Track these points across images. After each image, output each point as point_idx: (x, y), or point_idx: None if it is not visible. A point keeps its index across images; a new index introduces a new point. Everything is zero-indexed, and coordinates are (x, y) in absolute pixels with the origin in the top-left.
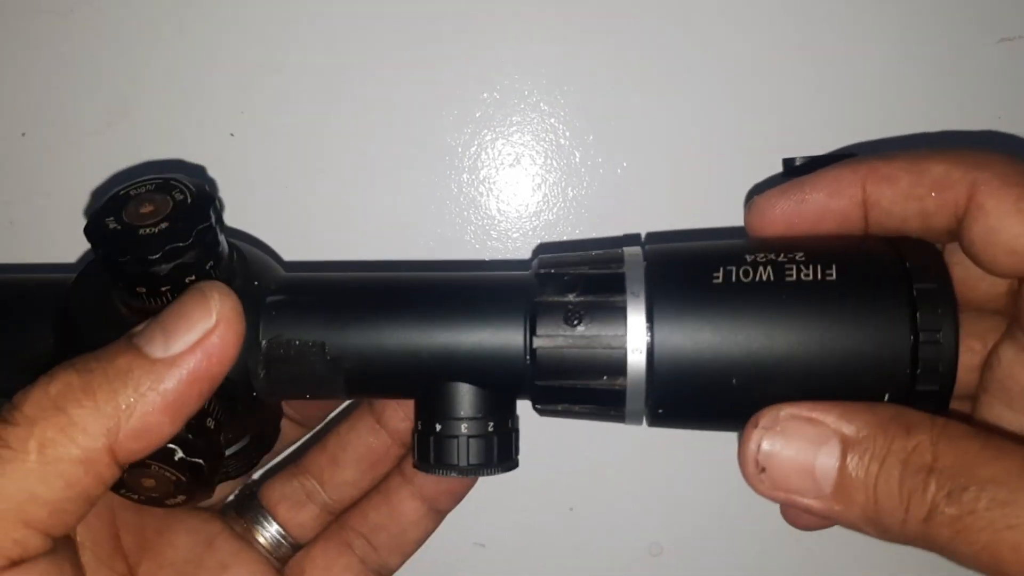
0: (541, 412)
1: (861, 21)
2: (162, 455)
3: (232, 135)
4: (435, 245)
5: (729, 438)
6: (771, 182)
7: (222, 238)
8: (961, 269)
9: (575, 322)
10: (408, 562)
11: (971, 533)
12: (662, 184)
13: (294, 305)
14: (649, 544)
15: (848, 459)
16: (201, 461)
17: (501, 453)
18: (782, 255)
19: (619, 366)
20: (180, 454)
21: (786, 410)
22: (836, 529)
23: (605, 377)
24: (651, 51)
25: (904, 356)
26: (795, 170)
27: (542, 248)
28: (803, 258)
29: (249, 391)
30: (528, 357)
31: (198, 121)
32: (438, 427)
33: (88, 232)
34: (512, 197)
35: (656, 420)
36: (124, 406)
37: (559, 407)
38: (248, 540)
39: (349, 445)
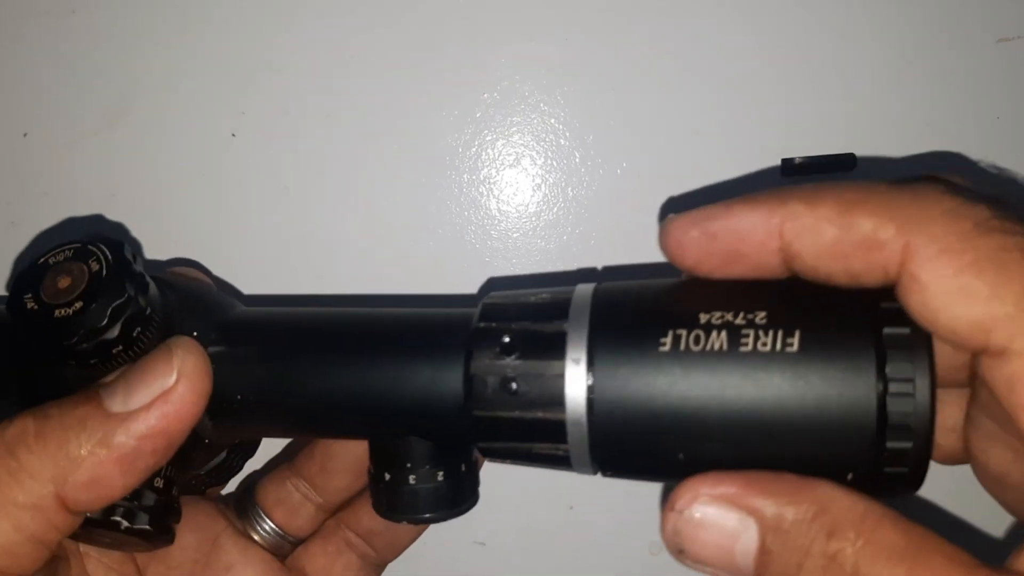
0: (485, 457)
1: (860, 22)
2: (108, 524)
3: (233, 135)
4: (435, 245)
5: None
6: (762, 177)
7: (144, 300)
8: None
9: (512, 388)
10: (407, 560)
11: None
12: (662, 184)
13: (233, 358)
14: (649, 543)
15: (767, 550)
16: (148, 527)
17: (454, 497)
18: (741, 315)
19: (559, 434)
20: (125, 524)
21: (703, 490)
22: None
23: (547, 443)
24: (651, 51)
25: (869, 442)
26: (794, 169)
27: (493, 283)
28: (764, 320)
29: (200, 439)
30: (468, 417)
31: (199, 121)
32: (387, 476)
33: (10, 309)
34: (512, 197)
35: (607, 475)
36: (74, 456)
37: (506, 461)
38: (251, 538)
39: (336, 455)
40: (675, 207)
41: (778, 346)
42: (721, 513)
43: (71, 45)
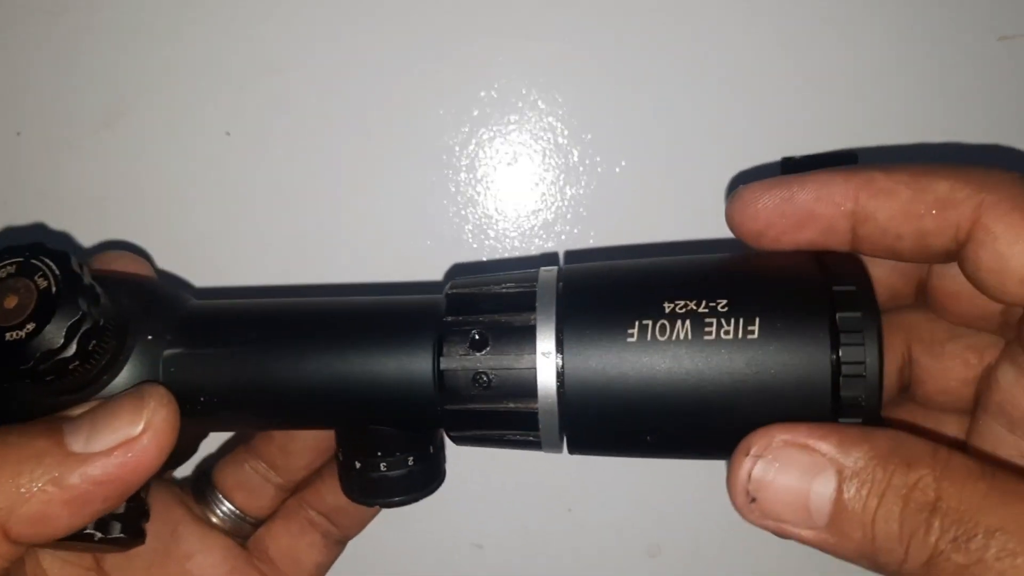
0: (456, 443)
1: (861, 20)
2: (81, 537)
3: (228, 134)
4: (433, 244)
5: None
6: (762, 171)
7: (97, 312)
8: (956, 283)
9: (484, 383)
10: (406, 562)
11: None
12: (659, 183)
13: (192, 359)
14: (647, 545)
15: (844, 492)
16: (123, 535)
17: (424, 480)
18: (703, 303)
19: (531, 423)
20: (99, 535)
21: (780, 436)
22: None
23: (519, 431)
24: (649, 50)
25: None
26: (795, 166)
27: (456, 270)
28: (725, 308)
29: None
30: (440, 410)
31: (195, 121)
32: (358, 465)
33: None
34: (510, 196)
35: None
36: (23, 489)
37: (476, 447)
38: (210, 523)
39: (297, 436)
40: (744, 181)
41: (740, 334)
42: (798, 458)
43: (66, 44)
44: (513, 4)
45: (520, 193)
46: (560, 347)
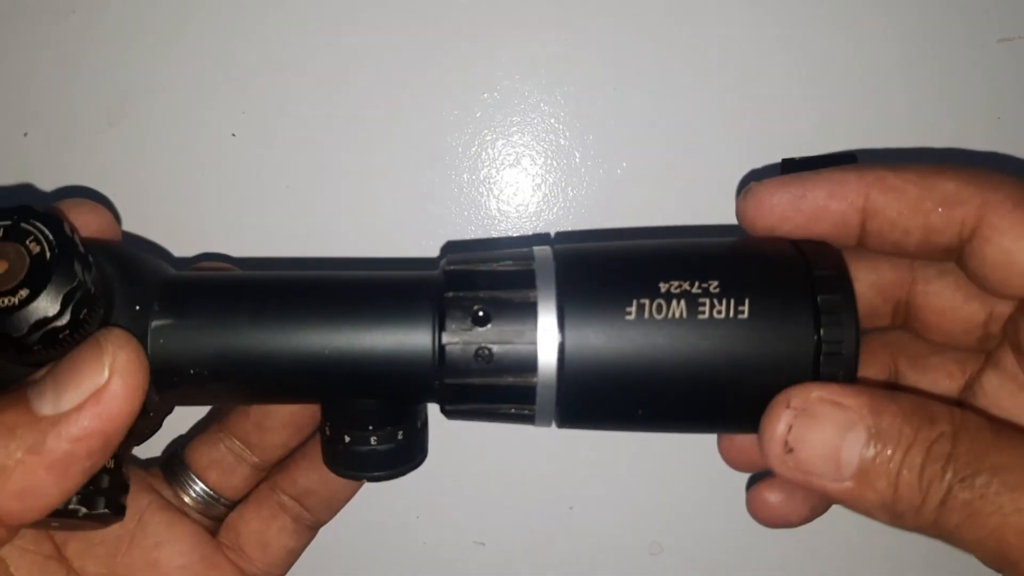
0: (448, 418)
1: (860, 22)
2: (66, 514)
3: (233, 135)
4: (435, 245)
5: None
6: (767, 172)
7: (90, 280)
8: (939, 300)
9: (485, 356)
10: (407, 560)
11: (980, 517)
12: (662, 184)
13: (182, 330)
14: (649, 543)
15: (874, 446)
16: (107, 511)
17: (411, 455)
18: (697, 284)
19: (529, 398)
20: (84, 511)
21: (816, 392)
22: (836, 528)
23: (515, 404)
24: (651, 51)
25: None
26: (794, 167)
27: (450, 247)
28: (717, 289)
29: (145, 411)
30: (438, 384)
31: (200, 121)
32: (347, 438)
33: None
34: (512, 197)
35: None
36: (3, 465)
37: (466, 419)
38: (180, 507)
39: (274, 412)
40: (747, 182)
41: (731, 313)
42: (833, 413)
43: (71, 45)
44: (516, 6)
45: (522, 194)
46: (561, 324)
